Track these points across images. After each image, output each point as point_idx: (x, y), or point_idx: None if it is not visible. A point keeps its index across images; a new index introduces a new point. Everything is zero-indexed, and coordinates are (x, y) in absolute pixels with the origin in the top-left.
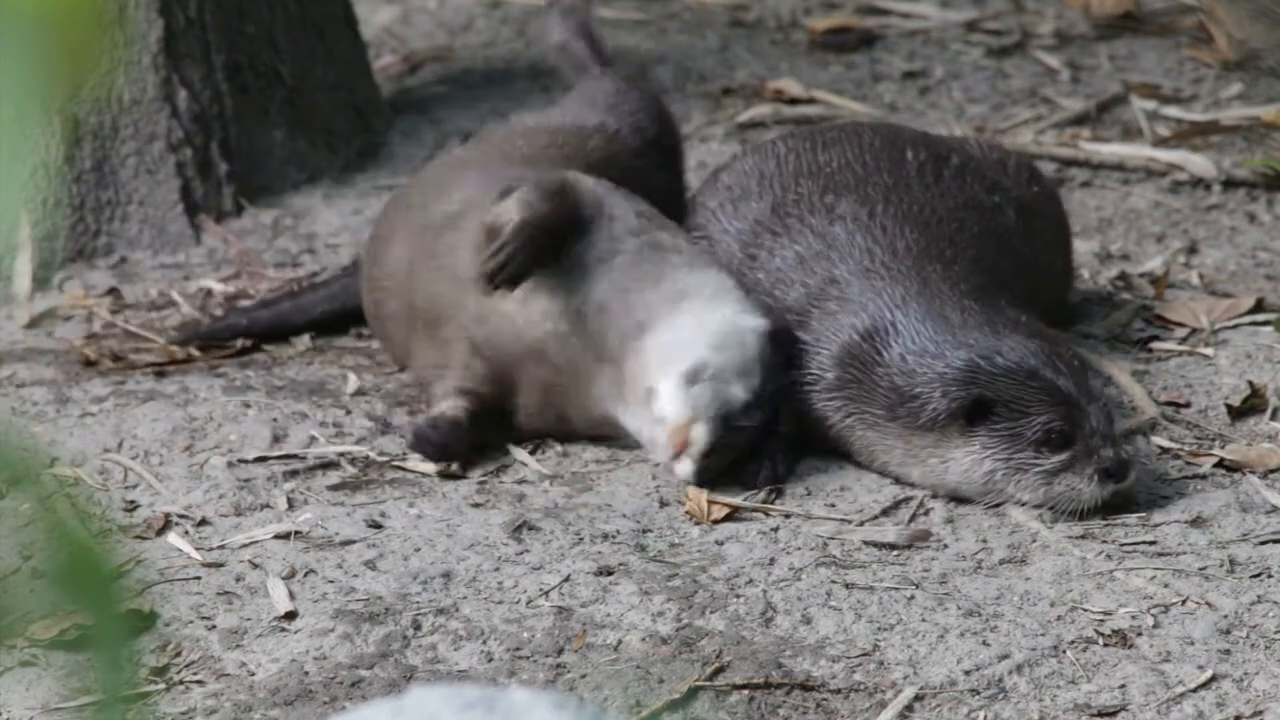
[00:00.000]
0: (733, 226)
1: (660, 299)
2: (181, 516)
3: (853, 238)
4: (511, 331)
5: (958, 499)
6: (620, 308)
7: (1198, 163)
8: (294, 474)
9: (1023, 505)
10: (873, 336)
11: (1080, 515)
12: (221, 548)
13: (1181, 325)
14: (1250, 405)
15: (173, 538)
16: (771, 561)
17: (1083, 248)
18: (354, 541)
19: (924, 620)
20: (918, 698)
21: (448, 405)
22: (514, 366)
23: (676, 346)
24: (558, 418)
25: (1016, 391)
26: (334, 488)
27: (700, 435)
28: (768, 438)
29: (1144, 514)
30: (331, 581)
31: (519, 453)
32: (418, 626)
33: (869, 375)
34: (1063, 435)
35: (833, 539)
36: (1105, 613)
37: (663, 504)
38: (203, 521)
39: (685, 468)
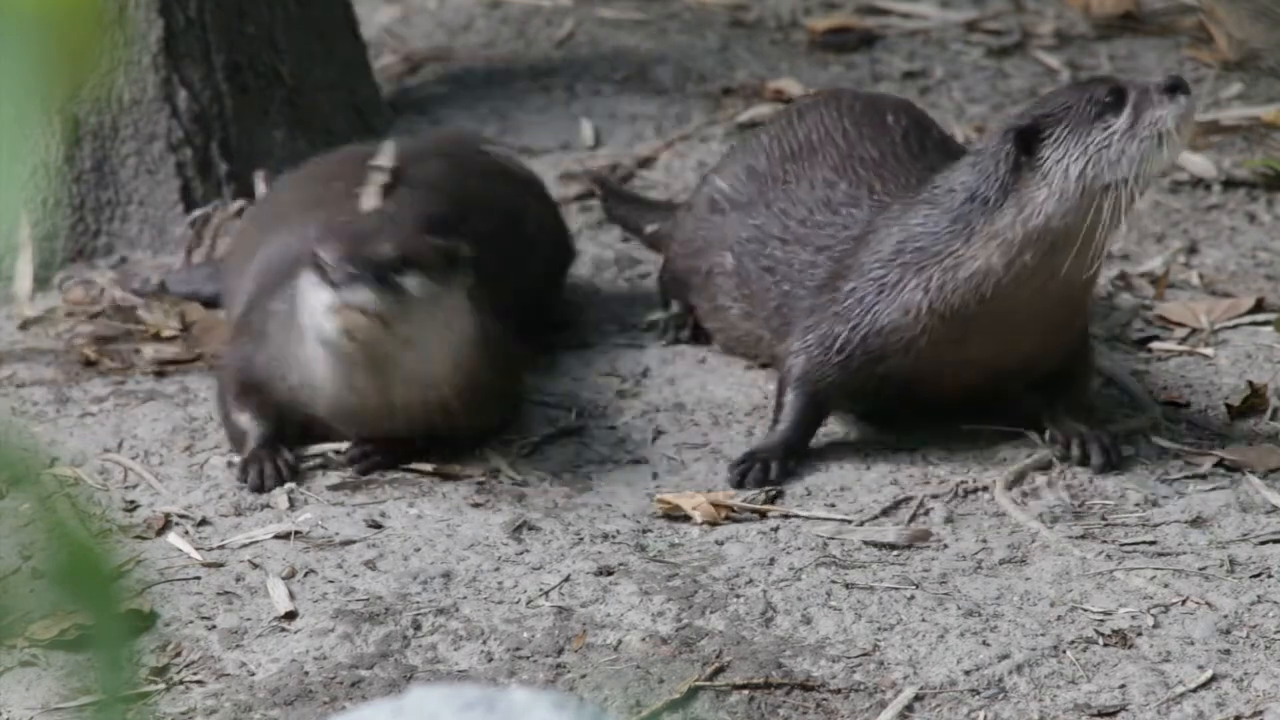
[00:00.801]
0: (740, 235)
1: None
2: (181, 516)
3: (859, 209)
4: None
5: (1071, 233)
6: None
7: (1198, 163)
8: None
9: (1134, 180)
10: (904, 212)
11: (1173, 148)
12: (221, 548)
13: (1181, 325)
14: (1250, 405)
15: (173, 538)
16: (771, 561)
17: None
18: (354, 541)
19: (924, 620)
20: (918, 698)
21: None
22: None
23: None
24: None
25: (1044, 107)
26: (334, 488)
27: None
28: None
29: (1144, 514)
30: (331, 581)
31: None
32: (418, 626)
33: (926, 230)
34: (1113, 93)
35: (833, 539)
36: (1105, 613)
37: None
38: (203, 521)
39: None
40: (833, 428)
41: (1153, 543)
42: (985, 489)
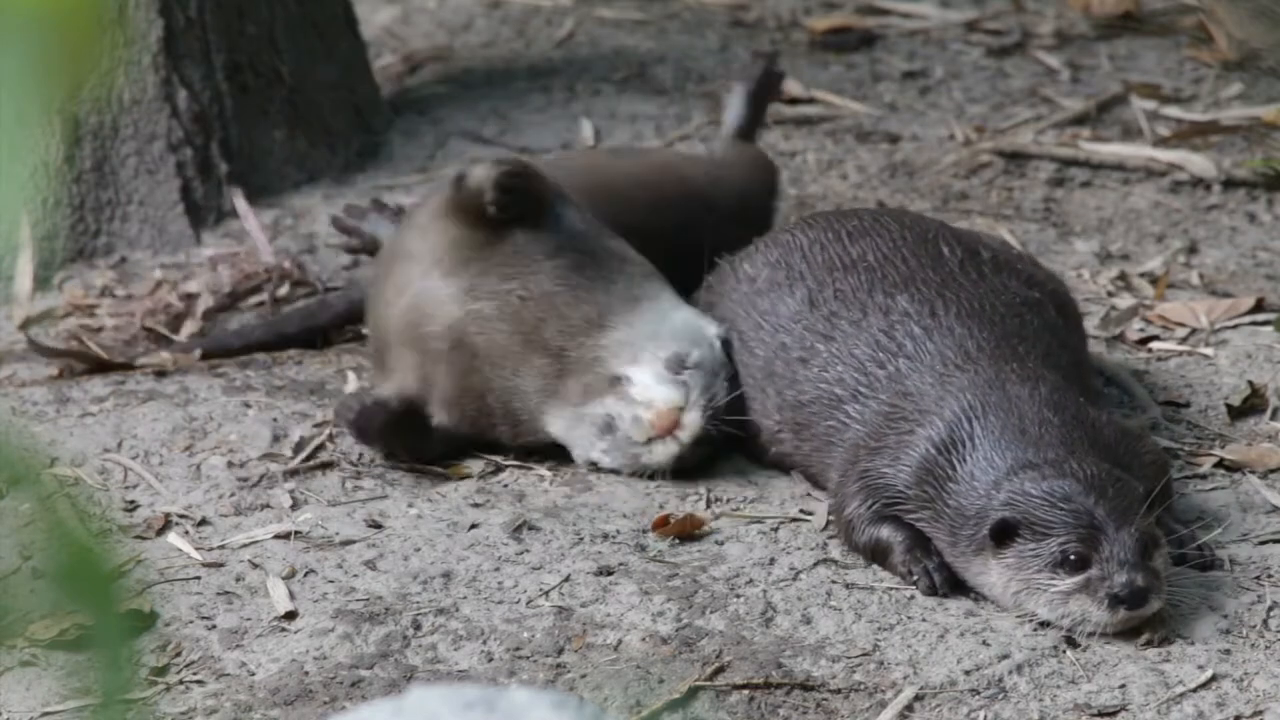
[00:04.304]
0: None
1: (614, 299)
2: (181, 516)
3: (919, 342)
4: (433, 304)
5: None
6: (568, 301)
7: (1198, 163)
8: (294, 474)
9: (1046, 622)
10: (949, 450)
11: (1098, 636)
12: (221, 548)
13: (1181, 325)
14: (1250, 405)
15: (173, 538)
16: (771, 561)
17: (1083, 248)
18: (354, 541)
19: (924, 620)
20: (918, 698)
21: (381, 390)
22: (433, 348)
23: (649, 339)
24: (477, 410)
25: (1044, 514)
26: (334, 487)
27: (693, 420)
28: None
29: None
30: (331, 581)
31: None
32: (418, 626)
33: (940, 492)
34: (1080, 559)
35: (833, 539)
36: None
37: (662, 505)
38: (203, 521)
39: (669, 449)
40: None
41: None
42: None
